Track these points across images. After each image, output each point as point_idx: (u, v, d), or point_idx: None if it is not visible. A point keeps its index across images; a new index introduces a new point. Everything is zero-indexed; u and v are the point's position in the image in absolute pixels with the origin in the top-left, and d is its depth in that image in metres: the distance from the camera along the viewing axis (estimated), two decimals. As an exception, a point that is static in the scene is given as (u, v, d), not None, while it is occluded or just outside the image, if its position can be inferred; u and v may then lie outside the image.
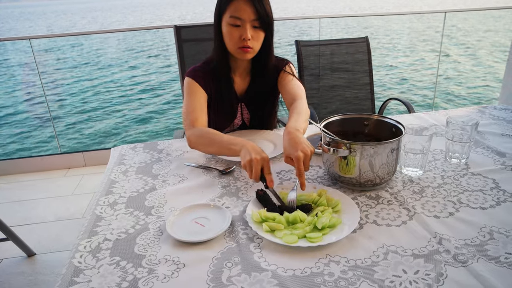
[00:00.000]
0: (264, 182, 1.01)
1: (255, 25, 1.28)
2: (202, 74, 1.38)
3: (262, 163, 1.01)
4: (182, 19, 28.08)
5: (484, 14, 17.20)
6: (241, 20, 1.25)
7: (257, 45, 1.32)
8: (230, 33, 1.28)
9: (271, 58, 1.42)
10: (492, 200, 0.98)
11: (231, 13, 1.26)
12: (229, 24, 1.27)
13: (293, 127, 1.09)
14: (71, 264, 0.80)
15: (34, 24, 33.20)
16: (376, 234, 0.86)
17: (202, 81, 1.37)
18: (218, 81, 1.41)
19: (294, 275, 0.75)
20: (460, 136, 1.15)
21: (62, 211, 2.46)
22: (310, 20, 15.11)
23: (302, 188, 0.98)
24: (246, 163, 1.02)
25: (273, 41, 1.39)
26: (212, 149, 1.22)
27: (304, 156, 0.97)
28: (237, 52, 1.32)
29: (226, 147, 1.16)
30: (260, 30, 1.30)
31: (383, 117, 1.14)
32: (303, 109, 1.26)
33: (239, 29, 1.27)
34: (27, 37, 3.17)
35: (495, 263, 0.76)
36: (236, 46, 1.30)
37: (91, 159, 3.12)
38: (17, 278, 1.89)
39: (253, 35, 1.28)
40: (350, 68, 2.31)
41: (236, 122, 1.51)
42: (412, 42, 12.46)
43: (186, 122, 1.31)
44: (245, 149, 1.05)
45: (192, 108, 1.33)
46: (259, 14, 1.25)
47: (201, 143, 1.24)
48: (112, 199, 1.05)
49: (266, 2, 1.28)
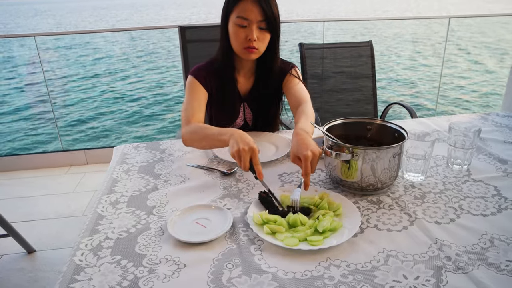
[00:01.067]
0: (254, 174, 1.01)
1: (261, 26, 1.28)
2: (205, 73, 1.40)
3: (250, 154, 1.01)
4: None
5: (489, 20, 17.19)
6: (247, 20, 1.26)
7: (263, 46, 1.33)
8: (236, 33, 1.29)
9: (276, 60, 1.42)
10: (494, 207, 0.98)
11: (238, 13, 1.27)
12: (236, 24, 1.28)
13: (302, 129, 1.09)
14: (72, 262, 0.80)
15: (43, 21, 33.32)
16: (377, 239, 0.86)
17: (204, 80, 1.38)
18: (222, 80, 1.42)
19: (294, 278, 0.75)
20: (462, 142, 1.15)
21: (63, 209, 2.47)
22: (314, 23, 15.10)
23: (305, 188, 0.98)
24: (234, 153, 1.02)
25: (279, 43, 1.39)
26: (205, 143, 1.23)
27: (313, 156, 0.97)
28: (242, 52, 1.32)
29: (216, 138, 1.16)
30: (266, 31, 1.30)
31: (385, 122, 1.15)
32: (310, 113, 1.26)
33: (245, 29, 1.28)
34: (31, 34, 3.18)
35: (496, 271, 0.76)
36: (241, 46, 1.30)
37: (92, 157, 3.13)
38: (17, 274, 1.89)
39: (259, 36, 1.29)
40: (353, 72, 2.31)
41: (238, 122, 1.52)
42: (415, 47, 12.46)
43: (183, 119, 1.32)
44: (234, 139, 1.06)
45: (190, 105, 1.34)
46: (266, 15, 1.26)
47: (194, 139, 1.25)
48: (114, 197, 1.06)
49: (274, 4, 1.29)
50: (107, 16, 35.95)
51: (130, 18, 33.16)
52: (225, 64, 1.39)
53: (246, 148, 1.01)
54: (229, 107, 1.47)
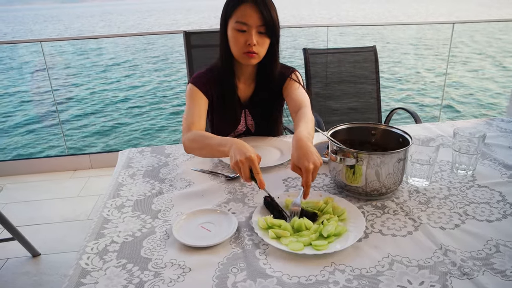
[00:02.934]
0: (256, 182, 1.00)
1: (260, 31, 1.28)
2: (205, 80, 1.40)
3: (249, 164, 0.99)
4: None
5: (494, 25, 17.16)
6: (247, 25, 1.26)
7: (262, 51, 1.33)
8: (236, 38, 1.29)
9: (276, 65, 1.42)
10: (499, 213, 0.97)
11: (237, 19, 1.27)
12: (235, 29, 1.28)
13: (303, 135, 1.07)
14: (78, 266, 0.81)
15: (52, 26, 33.59)
16: (381, 244, 0.86)
17: (204, 87, 1.38)
18: (222, 86, 1.42)
19: (299, 283, 0.75)
20: (467, 147, 1.15)
21: (68, 213, 2.48)
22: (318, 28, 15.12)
23: (304, 197, 0.98)
24: (233, 165, 1.01)
25: (278, 48, 1.39)
26: (205, 152, 1.22)
27: (314, 168, 0.96)
28: (241, 57, 1.32)
29: (216, 149, 1.14)
30: (266, 36, 1.30)
31: (390, 127, 1.15)
32: (310, 117, 1.25)
33: (245, 34, 1.28)
34: (37, 40, 3.21)
35: (501, 277, 0.76)
36: (241, 51, 1.30)
37: (97, 161, 3.14)
38: (21, 278, 1.90)
39: (258, 41, 1.29)
40: (357, 77, 2.31)
41: (239, 129, 1.52)
42: (420, 52, 12.45)
43: (184, 127, 1.31)
44: (233, 150, 1.04)
45: (190, 113, 1.33)
46: (265, 20, 1.26)
47: (194, 147, 1.24)
48: (119, 202, 1.06)
49: (273, 8, 1.29)
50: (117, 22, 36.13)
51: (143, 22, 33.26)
52: (225, 70, 1.39)
53: (243, 159, 0.99)
54: (230, 114, 1.47)
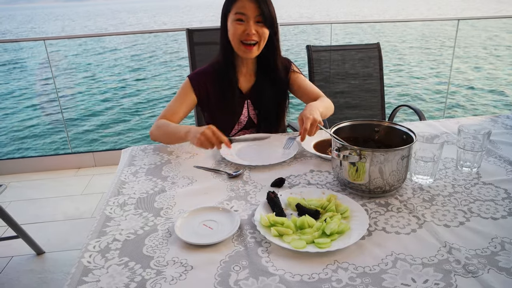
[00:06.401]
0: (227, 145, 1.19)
1: (258, 21, 1.36)
2: (203, 77, 1.47)
3: (210, 131, 1.17)
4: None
5: (499, 22, 17.03)
6: (245, 15, 1.34)
7: (262, 41, 1.39)
8: (235, 27, 1.36)
9: (278, 57, 1.49)
10: (504, 210, 0.96)
11: (236, 10, 1.35)
12: (234, 20, 1.36)
13: (315, 103, 1.34)
14: (80, 264, 0.81)
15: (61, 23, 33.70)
16: (385, 242, 0.85)
17: (197, 85, 1.45)
18: (222, 80, 1.46)
19: (301, 281, 0.74)
20: (472, 145, 1.14)
21: (72, 211, 2.49)
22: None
23: (301, 140, 1.20)
24: (197, 143, 1.18)
25: (278, 42, 1.46)
26: (166, 138, 1.37)
27: (313, 120, 1.17)
28: (240, 50, 1.39)
29: (173, 135, 1.32)
30: (264, 26, 1.37)
31: (394, 124, 1.14)
32: (328, 100, 1.49)
33: (243, 24, 1.36)
34: (41, 38, 3.21)
35: (506, 275, 0.75)
36: (239, 39, 1.37)
37: (101, 160, 3.15)
38: (26, 275, 1.91)
39: (257, 30, 1.36)
40: (361, 74, 2.30)
41: (242, 119, 1.54)
42: (424, 49, 12.38)
43: (160, 115, 1.43)
44: (191, 132, 1.22)
45: (172, 104, 1.46)
46: (262, 10, 1.34)
47: (157, 134, 1.38)
48: (121, 199, 1.06)
49: (270, 3, 1.38)
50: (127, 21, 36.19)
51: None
52: (225, 64, 1.45)
53: (204, 130, 1.16)
54: (231, 107, 1.50)
